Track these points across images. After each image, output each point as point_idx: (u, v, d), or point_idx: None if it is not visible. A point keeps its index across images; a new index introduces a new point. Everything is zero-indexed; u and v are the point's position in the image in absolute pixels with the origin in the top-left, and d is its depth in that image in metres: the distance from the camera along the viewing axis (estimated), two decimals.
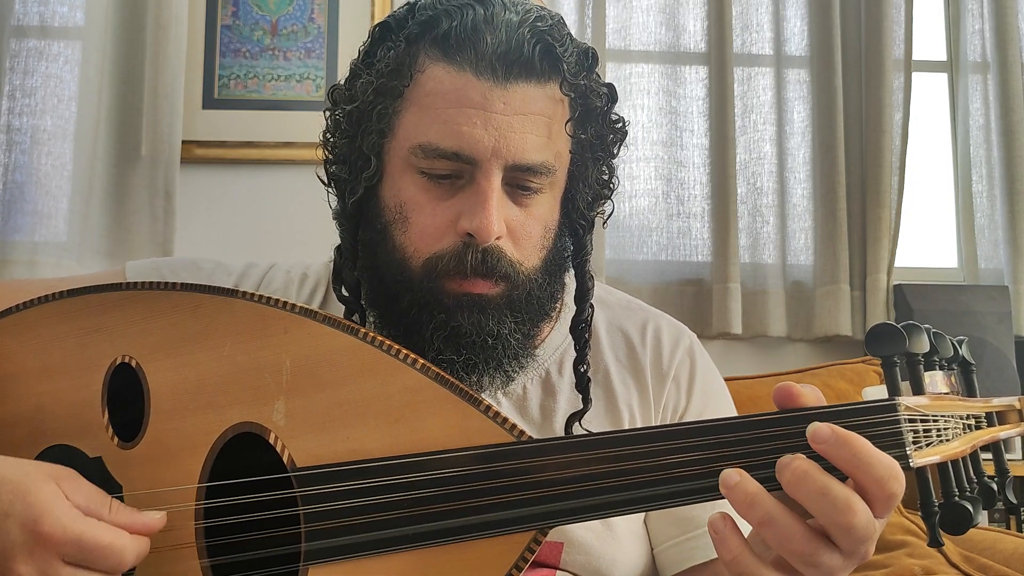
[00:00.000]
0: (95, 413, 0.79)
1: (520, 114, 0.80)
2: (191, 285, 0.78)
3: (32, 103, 2.16)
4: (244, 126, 2.23)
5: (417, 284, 0.82)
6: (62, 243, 2.13)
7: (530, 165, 0.81)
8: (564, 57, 0.81)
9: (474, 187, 0.80)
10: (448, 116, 0.80)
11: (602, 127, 0.86)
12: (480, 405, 0.68)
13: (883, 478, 0.58)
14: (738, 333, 2.25)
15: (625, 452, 0.64)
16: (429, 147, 0.80)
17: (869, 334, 0.63)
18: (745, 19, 2.39)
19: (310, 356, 0.72)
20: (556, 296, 0.90)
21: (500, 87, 0.79)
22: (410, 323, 0.83)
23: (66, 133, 2.16)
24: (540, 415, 0.91)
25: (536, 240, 0.84)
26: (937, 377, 0.64)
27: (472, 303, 0.81)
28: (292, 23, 2.27)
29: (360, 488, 0.68)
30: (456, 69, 0.80)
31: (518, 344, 0.84)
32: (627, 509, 0.64)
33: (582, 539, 0.86)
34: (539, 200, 0.84)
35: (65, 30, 2.19)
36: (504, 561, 0.65)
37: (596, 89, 0.85)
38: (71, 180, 2.14)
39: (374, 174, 0.85)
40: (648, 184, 2.34)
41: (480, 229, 0.79)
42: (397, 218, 0.83)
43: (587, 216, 0.88)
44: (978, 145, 2.41)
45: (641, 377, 0.95)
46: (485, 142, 0.79)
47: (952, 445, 0.62)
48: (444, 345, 0.81)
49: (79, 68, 2.16)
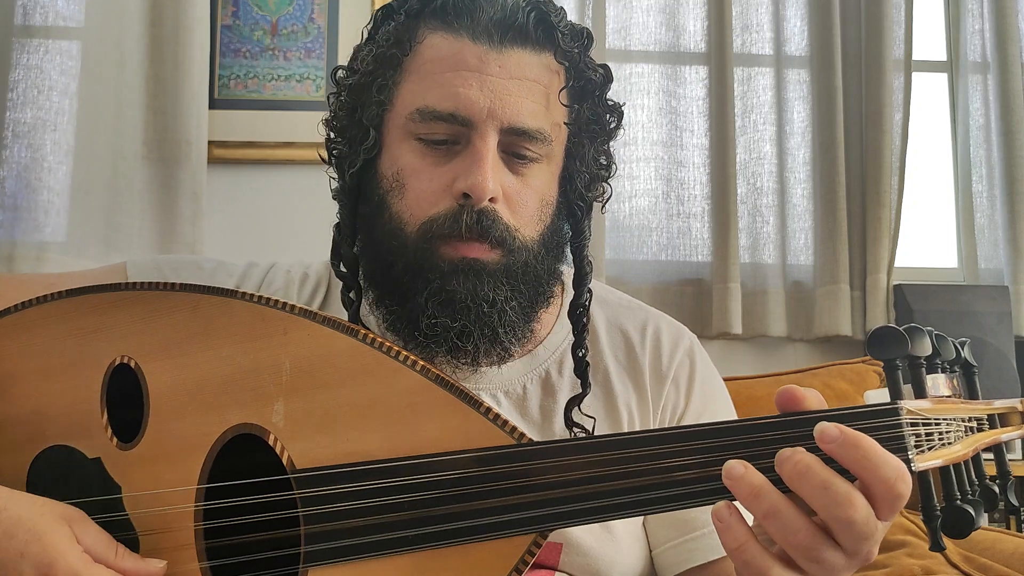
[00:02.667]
0: (94, 413, 0.79)
1: (516, 78, 0.82)
2: (190, 285, 0.78)
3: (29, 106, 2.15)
4: (244, 126, 2.23)
5: (412, 248, 0.83)
6: (60, 244, 2.12)
7: (525, 128, 0.82)
8: (559, 27, 0.84)
9: (470, 149, 0.82)
10: (445, 79, 0.82)
11: (598, 106, 0.88)
12: (480, 407, 0.68)
13: (891, 479, 0.57)
14: (738, 333, 2.25)
15: (626, 455, 0.64)
16: (426, 110, 0.82)
17: (871, 337, 0.62)
18: (745, 19, 2.39)
19: (309, 357, 0.72)
20: (554, 275, 0.90)
21: (496, 51, 0.82)
22: (405, 290, 0.83)
23: (62, 136, 2.14)
24: (540, 415, 0.91)
25: (532, 210, 0.85)
26: (939, 380, 0.64)
27: (468, 268, 0.81)
28: (292, 23, 2.27)
29: (360, 490, 0.68)
30: (453, 35, 0.83)
31: (514, 314, 0.84)
32: (628, 512, 0.64)
33: (581, 541, 0.86)
34: (536, 170, 0.85)
35: (68, 30, 2.18)
36: (504, 563, 0.65)
37: (592, 66, 0.87)
38: (70, 182, 2.14)
39: (373, 145, 0.86)
40: (648, 184, 2.33)
41: (475, 187, 0.80)
42: (394, 186, 0.85)
43: (585, 198, 0.89)
44: (978, 145, 2.41)
45: (640, 378, 0.95)
46: (481, 103, 0.81)
47: (954, 448, 0.62)
48: (439, 311, 0.81)
49: (79, 70, 2.16)
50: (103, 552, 0.71)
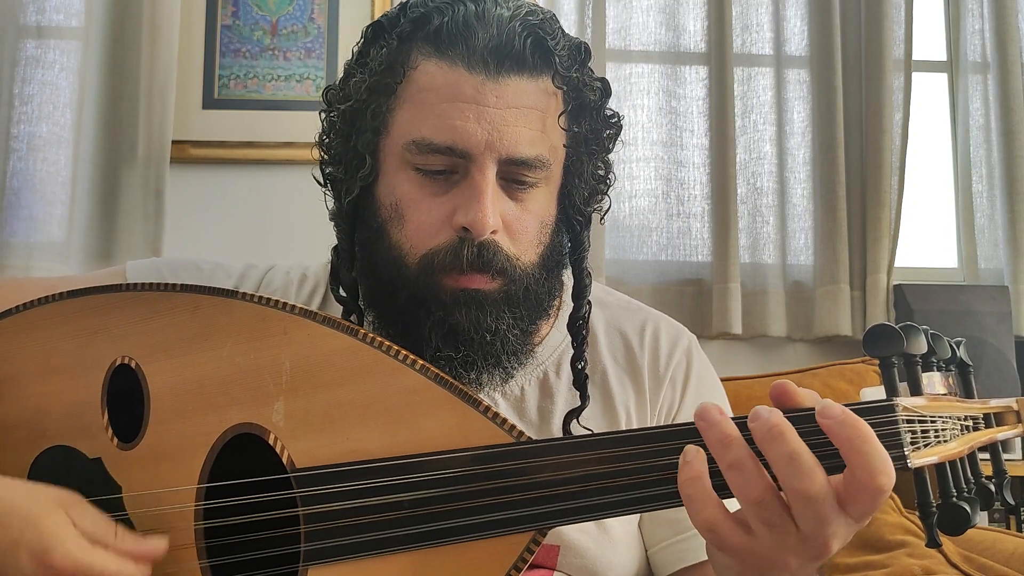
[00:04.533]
0: (95, 414, 0.79)
1: (513, 107, 0.81)
2: (191, 286, 0.78)
3: (29, 110, 2.16)
4: (244, 126, 2.23)
5: (414, 281, 0.82)
6: (57, 245, 2.13)
7: (524, 158, 0.81)
8: (556, 51, 0.82)
9: (468, 181, 0.81)
10: (441, 111, 0.80)
11: (596, 121, 0.87)
12: (479, 406, 0.68)
13: (875, 468, 0.57)
14: (738, 333, 2.25)
15: (623, 452, 0.64)
16: (423, 142, 0.81)
17: (867, 335, 0.63)
18: (745, 19, 2.39)
19: (309, 357, 0.72)
20: (554, 293, 0.90)
21: (492, 81, 0.80)
22: (408, 321, 0.83)
23: (60, 139, 2.15)
24: (538, 417, 0.91)
25: (532, 235, 0.84)
26: (935, 378, 0.64)
27: (469, 299, 0.81)
28: (292, 23, 2.27)
29: (359, 489, 0.68)
30: (448, 64, 0.81)
31: (516, 340, 0.84)
32: (626, 510, 0.64)
33: (578, 543, 0.86)
34: (534, 195, 0.84)
35: (60, 30, 2.19)
36: (503, 562, 0.66)
37: (589, 83, 0.85)
38: (67, 183, 2.14)
39: (369, 173, 0.85)
40: (648, 184, 2.33)
41: (475, 223, 0.79)
42: (393, 216, 0.84)
43: (584, 212, 0.89)
44: (978, 145, 2.41)
45: (639, 379, 0.95)
46: (478, 136, 0.79)
47: (950, 446, 0.62)
48: (442, 342, 0.81)
49: (75, 73, 2.16)
50: (101, 534, 0.70)
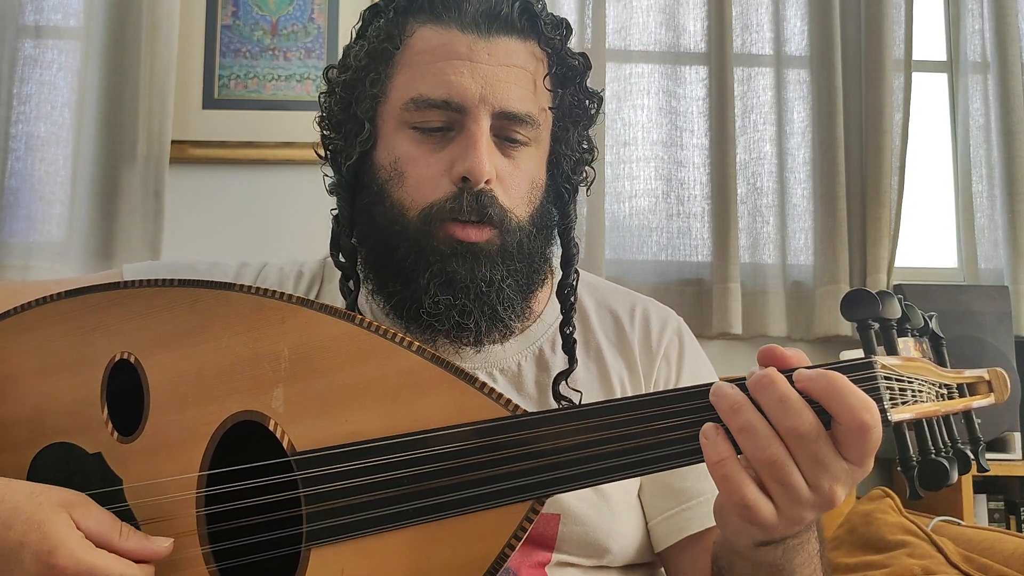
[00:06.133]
0: (95, 410, 0.79)
1: (504, 65, 0.87)
2: (188, 281, 0.79)
3: (27, 110, 2.16)
4: (244, 126, 2.23)
5: (413, 232, 0.87)
6: (56, 245, 2.13)
7: (516, 113, 0.87)
8: (541, 16, 0.90)
9: (465, 134, 0.86)
10: (437, 68, 0.86)
11: (579, 92, 0.93)
12: (475, 383, 0.70)
13: (856, 407, 0.61)
14: (738, 333, 2.24)
15: (619, 419, 0.66)
16: (420, 99, 0.86)
17: (844, 299, 0.67)
18: (745, 19, 2.39)
19: (308, 344, 0.73)
20: (546, 254, 0.94)
21: (484, 40, 0.87)
22: (408, 272, 0.87)
23: (59, 139, 2.15)
24: (536, 391, 0.94)
25: (524, 192, 0.89)
26: (909, 343, 0.68)
27: (466, 251, 0.86)
28: (292, 23, 2.27)
29: (359, 468, 0.69)
30: (443, 27, 0.88)
31: (512, 292, 0.88)
32: (623, 474, 0.67)
33: (577, 510, 0.88)
34: (526, 153, 0.90)
35: (59, 30, 2.19)
36: (504, 531, 0.67)
37: (572, 55, 0.92)
38: (66, 183, 2.14)
39: (368, 138, 0.90)
40: (648, 184, 2.33)
41: (472, 169, 0.84)
42: (393, 175, 0.88)
43: (571, 180, 0.94)
44: (978, 145, 2.41)
45: (630, 355, 0.98)
46: (472, 89, 0.85)
47: (927, 406, 0.66)
48: (440, 291, 0.85)
49: (74, 73, 2.16)
50: (106, 535, 0.71)
